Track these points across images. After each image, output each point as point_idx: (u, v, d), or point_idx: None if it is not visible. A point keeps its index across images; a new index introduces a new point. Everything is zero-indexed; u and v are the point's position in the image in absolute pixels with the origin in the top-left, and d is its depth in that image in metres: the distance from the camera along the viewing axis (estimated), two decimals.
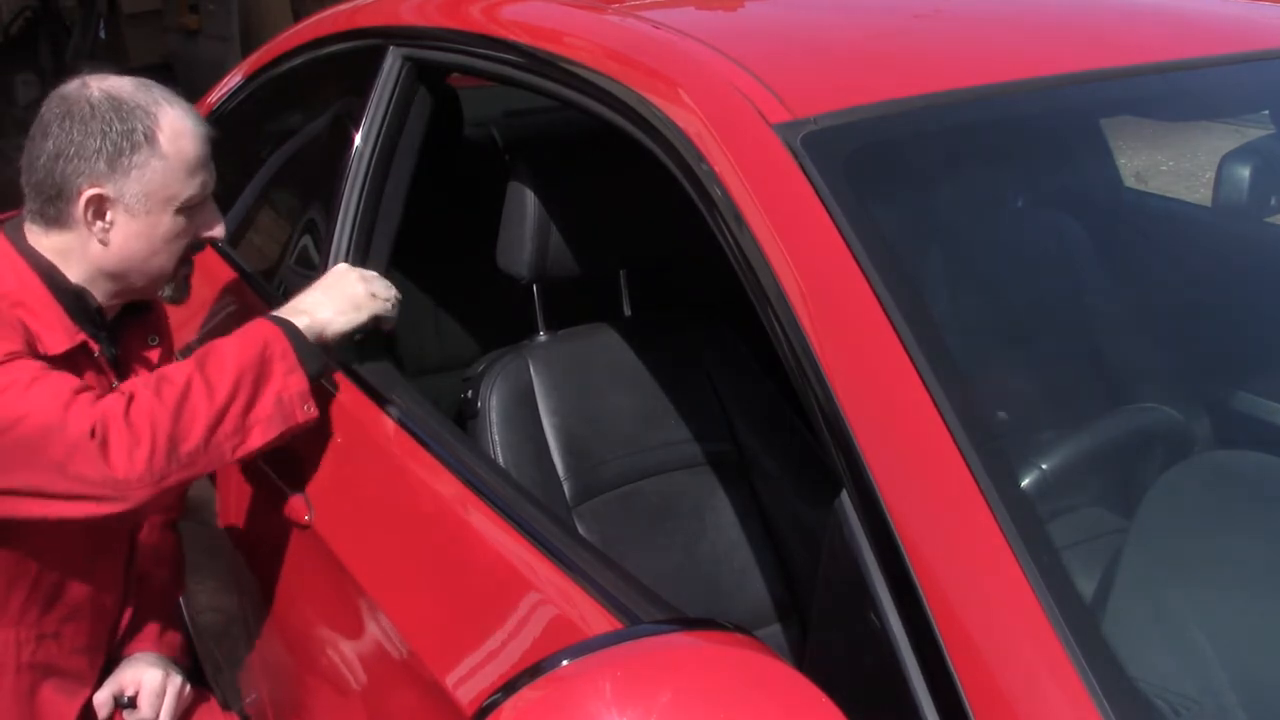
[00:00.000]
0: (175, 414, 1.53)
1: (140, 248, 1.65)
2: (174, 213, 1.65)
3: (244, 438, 1.59)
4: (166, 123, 1.63)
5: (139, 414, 1.51)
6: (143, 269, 1.67)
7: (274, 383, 1.62)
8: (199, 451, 1.54)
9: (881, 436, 1.10)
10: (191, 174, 1.65)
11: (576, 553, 1.36)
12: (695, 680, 0.97)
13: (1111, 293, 1.79)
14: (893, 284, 1.18)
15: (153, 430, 1.51)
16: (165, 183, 1.63)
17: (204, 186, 1.68)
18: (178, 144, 1.63)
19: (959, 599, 1.00)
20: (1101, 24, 1.77)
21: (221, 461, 1.59)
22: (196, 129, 1.67)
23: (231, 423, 1.57)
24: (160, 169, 1.62)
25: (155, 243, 1.65)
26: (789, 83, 1.40)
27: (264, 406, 1.60)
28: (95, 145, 1.59)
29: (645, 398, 1.97)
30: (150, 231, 1.64)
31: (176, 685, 1.84)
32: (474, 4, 1.94)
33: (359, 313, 1.75)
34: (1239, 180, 2.02)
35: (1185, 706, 1.03)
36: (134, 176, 1.61)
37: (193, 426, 1.54)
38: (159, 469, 1.51)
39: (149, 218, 1.63)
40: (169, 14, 8.84)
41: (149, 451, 1.50)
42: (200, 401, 1.55)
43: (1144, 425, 1.46)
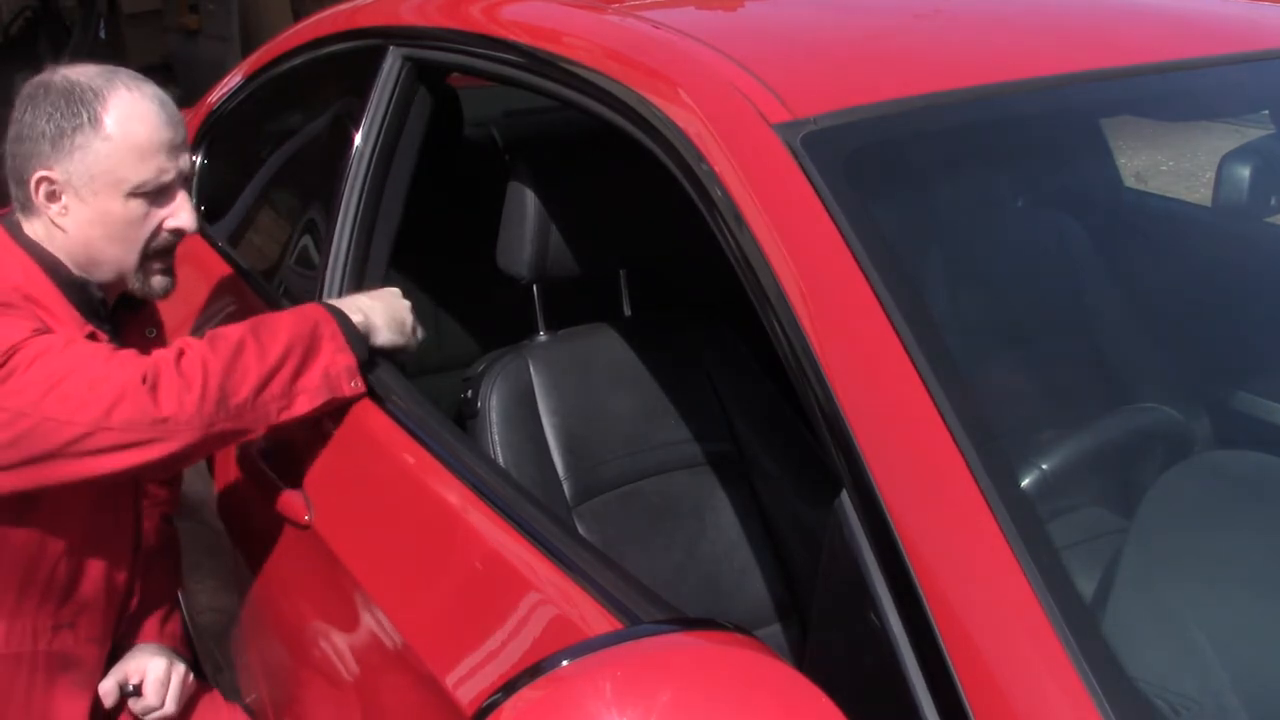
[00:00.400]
0: (228, 366, 1.55)
1: (96, 234, 1.63)
2: (125, 197, 1.61)
3: (290, 402, 1.62)
4: (115, 104, 1.60)
5: (191, 362, 1.54)
6: (103, 257, 1.65)
7: (323, 357, 1.65)
8: (246, 406, 1.57)
9: (881, 436, 1.10)
10: (142, 158, 1.61)
11: (576, 553, 1.36)
12: (695, 680, 0.97)
13: (1111, 293, 1.79)
14: (893, 284, 1.18)
15: (204, 377, 1.53)
16: (110, 166, 1.60)
17: (160, 172, 1.63)
18: (126, 126, 1.60)
19: (959, 599, 1.00)
20: (1101, 24, 1.77)
21: (267, 422, 1.61)
22: (154, 112, 1.63)
23: (280, 385, 1.60)
24: (104, 151, 1.59)
25: (110, 229, 1.63)
26: (789, 83, 1.40)
27: (312, 377, 1.64)
28: (41, 127, 1.59)
29: (645, 398, 1.97)
30: (103, 217, 1.62)
31: (180, 673, 1.86)
32: (474, 4, 1.94)
33: (401, 336, 1.78)
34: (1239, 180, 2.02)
35: (1185, 706, 1.03)
36: (77, 158, 1.59)
37: (244, 381, 1.56)
38: (208, 414, 1.53)
39: (98, 201, 1.61)
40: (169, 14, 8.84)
41: (199, 395, 1.52)
42: (252, 360, 1.58)
43: (1144, 425, 1.46)
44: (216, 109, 2.71)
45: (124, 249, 1.65)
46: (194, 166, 1.74)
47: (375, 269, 1.94)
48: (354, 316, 1.72)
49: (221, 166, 2.70)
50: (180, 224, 1.67)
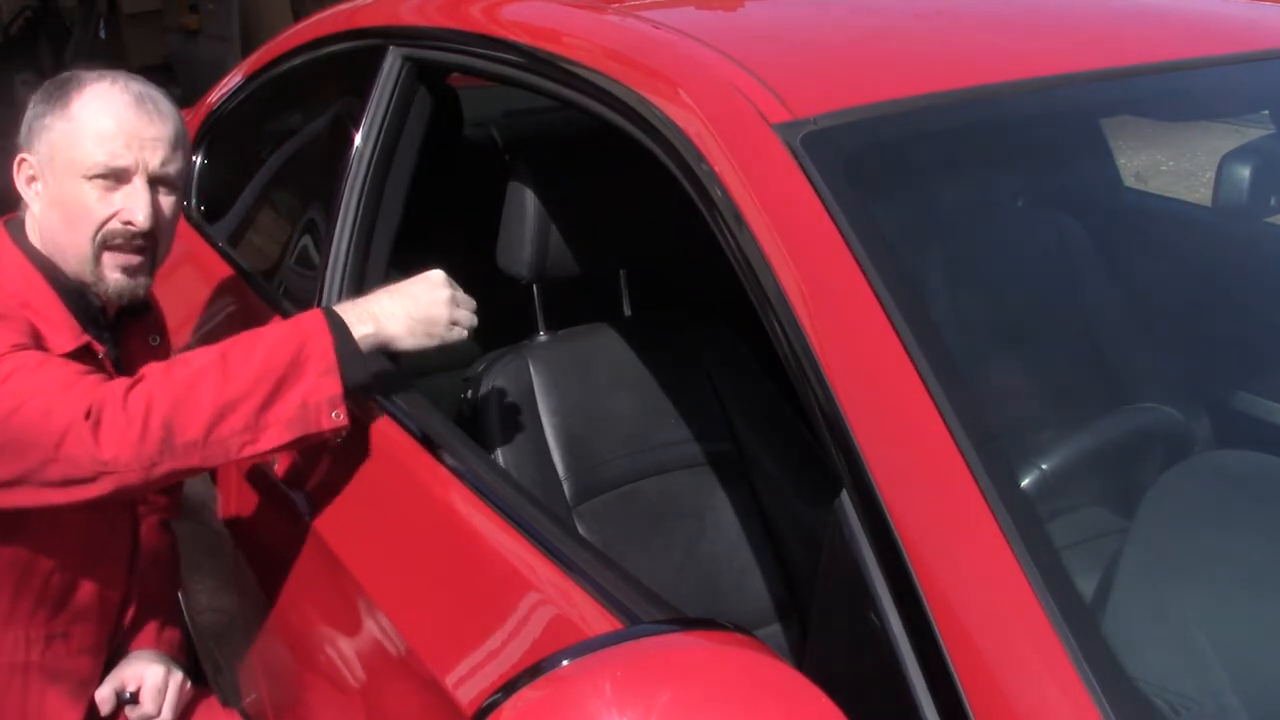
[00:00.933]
0: (178, 401, 1.46)
1: (56, 217, 1.62)
2: (81, 180, 1.59)
3: (255, 436, 1.49)
4: (87, 91, 1.61)
5: (138, 397, 1.46)
6: (63, 242, 1.62)
7: (303, 384, 1.51)
8: (197, 444, 1.47)
9: (881, 436, 1.10)
10: (99, 141, 1.59)
11: (576, 553, 1.36)
12: (695, 680, 0.97)
13: (1111, 293, 1.79)
14: (893, 284, 1.18)
15: (147, 414, 1.44)
16: (66, 145, 1.59)
17: (112, 156, 1.59)
18: (89, 109, 1.60)
19: (959, 599, 1.00)
20: (1101, 24, 1.77)
21: (226, 458, 1.51)
22: (125, 102, 1.61)
23: (242, 419, 1.48)
24: (64, 130, 1.60)
25: (66, 212, 1.60)
26: (789, 83, 1.40)
27: (286, 407, 1.50)
28: (29, 114, 1.64)
29: (645, 398, 1.97)
30: (60, 199, 1.61)
31: (178, 681, 1.85)
32: (474, 4, 1.94)
33: (430, 339, 1.61)
34: (1239, 180, 2.02)
35: (1185, 706, 1.03)
36: (43, 138, 1.61)
37: (195, 417, 1.46)
38: (149, 454, 1.45)
39: (58, 184, 1.61)
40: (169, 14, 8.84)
41: (139, 434, 1.44)
42: (210, 391, 1.47)
43: (1144, 425, 1.46)
44: (216, 109, 2.71)
45: (77, 236, 1.61)
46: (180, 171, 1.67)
47: (375, 269, 1.94)
48: (360, 329, 1.56)
49: (221, 166, 2.70)
50: (130, 216, 1.60)
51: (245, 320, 2.17)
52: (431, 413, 1.71)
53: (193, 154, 2.70)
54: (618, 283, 2.08)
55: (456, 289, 1.65)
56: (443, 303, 1.62)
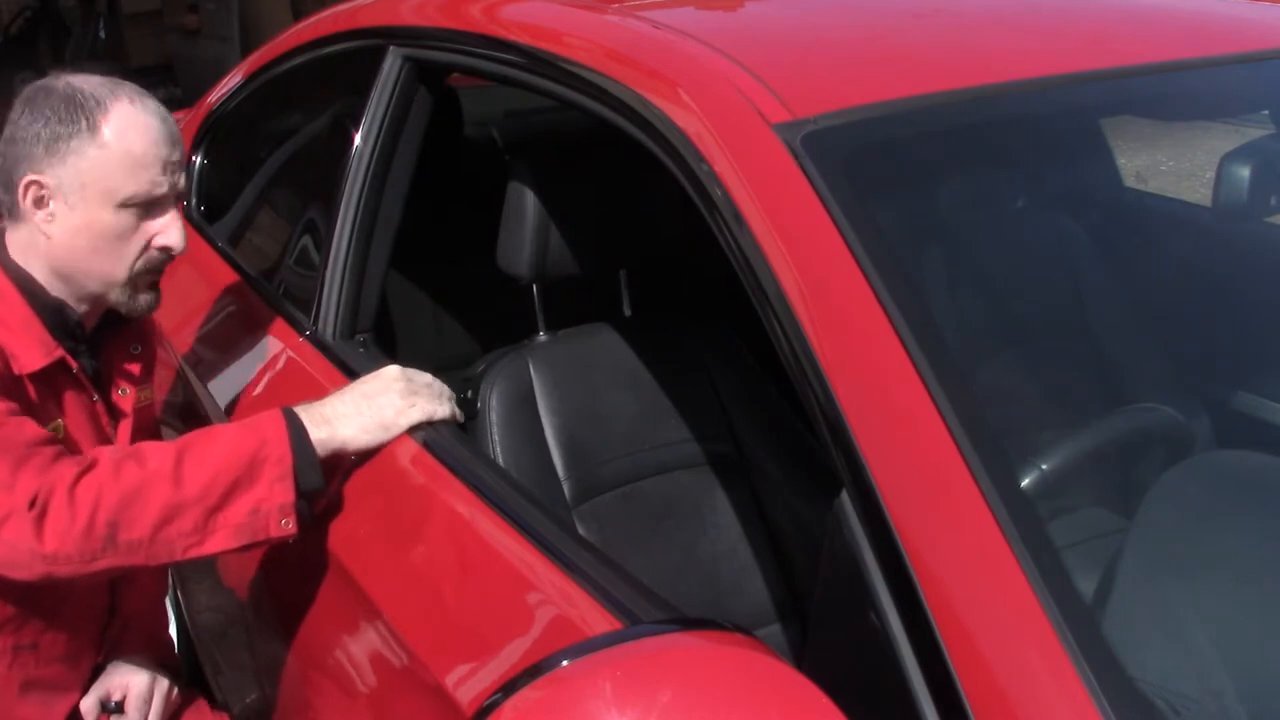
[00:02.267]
0: (126, 498, 1.44)
1: (82, 244, 1.58)
2: (116, 208, 1.57)
3: (202, 539, 1.48)
4: (116, 114, 1.57)
5: (86, 489, 1.43)
6: (88, 268, 1.60)
7: (256, 490, 1.50)
8: (142, 543, 1.45)
9: (881, 436, 1.10)
10: (135, 170, 1.57)
11: (576, 553, 1.36)
12: (695, 680, 0.97)
13: (1111, 293, 1.79)
14: (893, 284, 1.18)
15: (93, 509, 1.42)
16: (102, 174, 1.55)
17: (153, 185, 1.58)
18: (123, 135, 1.56)
19: (959, 599, 1.00)
20: (1101, 24, 1.77)
21: (171, 558, 1.49)
22: (153, 127, 1.59)
23: (191, 521, 1.47)
24: (98, 159, 1.55)
25: (97, 240, 1.58)
26: (789, 83, 1.40)
27: (236, 512, 1.49)
28: (37, 130, 1.55)
29: (645, 398, 1.97)
30: (90, 226, 1.57)
31: (164, 688, 1.83)
32: (474, 4, 1.94)
33: (386, 433, 1.62)
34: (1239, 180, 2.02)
35: (1185, 706, 1.03)
36: (70, 164, 1.55)
37: (142, 516, 1.45)
38: (91, 550, 1.43)
39: (87, 211, 1.56)
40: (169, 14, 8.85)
41: (84, 530, 1.42)
42: (160, 491, 1.46)
43: (1144, 425, 1.46)
44: (216, 109, 2.71)
45: (110, 262, 1.60)
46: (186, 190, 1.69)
47: (375, 269, 1.94)
48: (316, 433, 1.56)
49: (221, 166, 2.70)
50: (169, 242, 1.62)
51: (245, 320, 2.17)
52: None
53: (193, 154, 2.71)
54: (618, 283, 2.08)
55: (412, 378, 1.66)
56: (393, 397, 1.63)
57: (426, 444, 1.63)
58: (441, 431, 1.65)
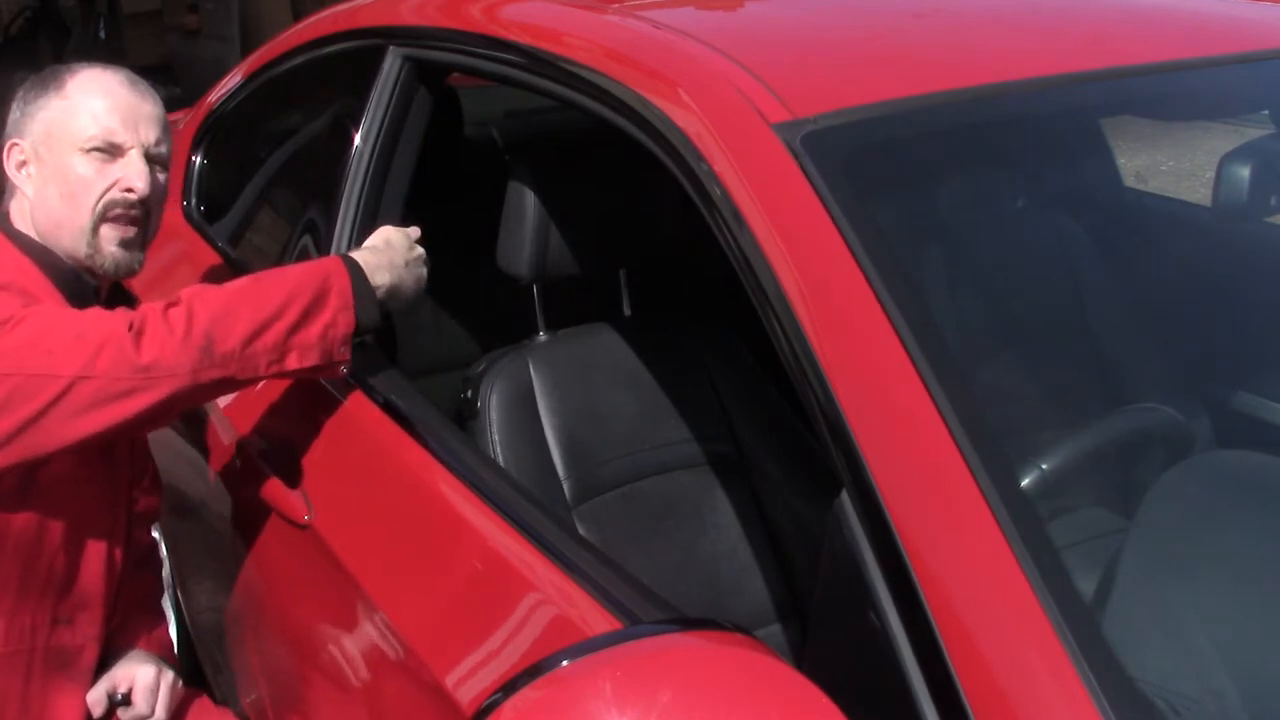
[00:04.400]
0: (218, 313, 1.54)
1: (52, 193, 1.66)
2: (79, 153, 1.65)
3: (282, 355, 1.58)
4: (82, 75, 1.68)
5: (179, 310, 1.53)
6: (60, 218, 1.66)
7: (325, 314, 1.62)
8: (234, 355, 1.54)
9: (881, 436, 1.10)
10: (95, 116, 1.65)
11: (576, 553, 1.36)
12: (695, 680, 0.97)
13: (1111, 292, 1.79)
14: (893, 284, 1.18)
15: (189, 323, 1.51)
16: (63, 120, 1.65)
17: (109, 133, 1.66)
18: (83, 88, 1.67)
19: (959, 599, 1.00)
20: (1101, 24, 1.77)
21: (256, 374, 1.58)
22: (117, 83, 1.69)
23: (274, 337, 1.57)
24: (60, 107, 1.65)
25: (64, 185, 1.65)
26: (789, 83, 1.40)
27: (309, 333, 1.60)
28: (17, 102, 1.69)
29: (645, 398, 1.97)
30: (58, 173, 1.65)
31: (169, 680, 1.85)
32: (474, 4, 1.94)
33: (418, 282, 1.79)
34: (1239, 180, 2.02)
35: (1185, 706, 1.03)
36: (38, 119, 1.66)
37: (233, 329, 1.54)
38: (192, 361, 1.51)
39: (54, 158, 1.65)
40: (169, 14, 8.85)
41: (182, 341, 1.50)
42: (245, 307, 1.56)
43: (1144, 425, 1.46)
44: (216, 109, 2.71)
45: (77, 207, 1.65)
46: (169, 154, 1.75)
47: None
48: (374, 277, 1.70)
49: (221, 166, 2.70)
50: (129, 183, 1.66)
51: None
52: (431, 413, 1.71)
53: (193, 154, 2.70)
54: (618, 283, 2.08)
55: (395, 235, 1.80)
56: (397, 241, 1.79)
57: (427, 444, 1.63)
58: (442, 432, 1.66)
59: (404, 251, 1.77)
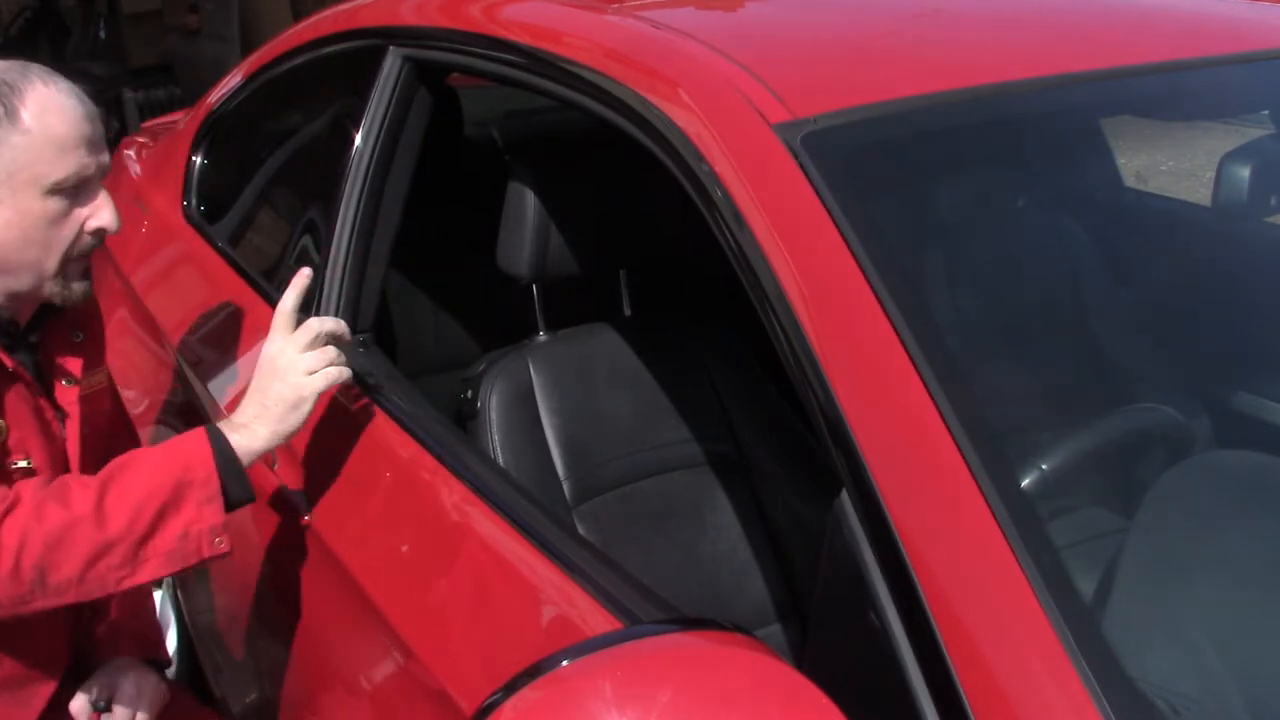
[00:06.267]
0: (51, 541, 1.43)
1: (12, 236, 1.50)
2: (44, 195, 1.50)
3: (134, 570, 1.47)
4: (32, 98, 1.49)
5: (9, 533, 1.42)
6: (20, 261, 1.52)
7: (184, 514, 1.49)
8: (71, 583, 1.44)
9: (881, 436, 1.10)
10: (62, 152, 1.50)
11: (576, 553, 1.36)
12: (695, 680, 0.97)
13: (1111, 293, 1.79)
14: (893, 284, 1.18)
15: (18, 554, 1.41)
16: (28, 161, 1.48)
17: (82, 168, 1.52)
18: (43, 120, 1.49)
19: (959, 599, 1.00)
20: (1101, 24, 1.77)
21: (104, 591, 1.48)
22: (72, 106, 1.52)
23: (120, 555, 1.46)
24: (22, 145, 1.48)
25: (29, 230, 1.51)
26: (789, 83, 1.40)
27: (165, 539, 1.48)
28: None
29: (645, 398, 1.97)
30: (21, 217, 1.50)
31: (151, 685, 1.80)
32: (474, 4, 1.94)
33: (299, 411, 1.59)
34: (1239, 180, 2.02)
35: (1185, 706, 1.03)
36: None
37: (69, 557, 1.43)
38: (19, 594, 1.42)
39: (15, 200, 1.49)
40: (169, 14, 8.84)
41: (9, 574, 1.41)
42: (84, 532, 1.44)
43: (1144, 425, 1.46)
44: (216, 109, 2.71)
45: (42, 251, 1.53)
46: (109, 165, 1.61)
47: (375, 269, 1.94)
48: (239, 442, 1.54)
49: (221, 167, 2.70)
50: (102, 223, 1.55)
51: (245, 320, 2.17)
52: (431, 413, 1.71)
53: (193, 154, 2.70)
54: (618, 283, 2.08)
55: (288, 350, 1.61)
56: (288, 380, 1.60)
57: (427, 444, 1.63)
58: (442, 432, 1.66)
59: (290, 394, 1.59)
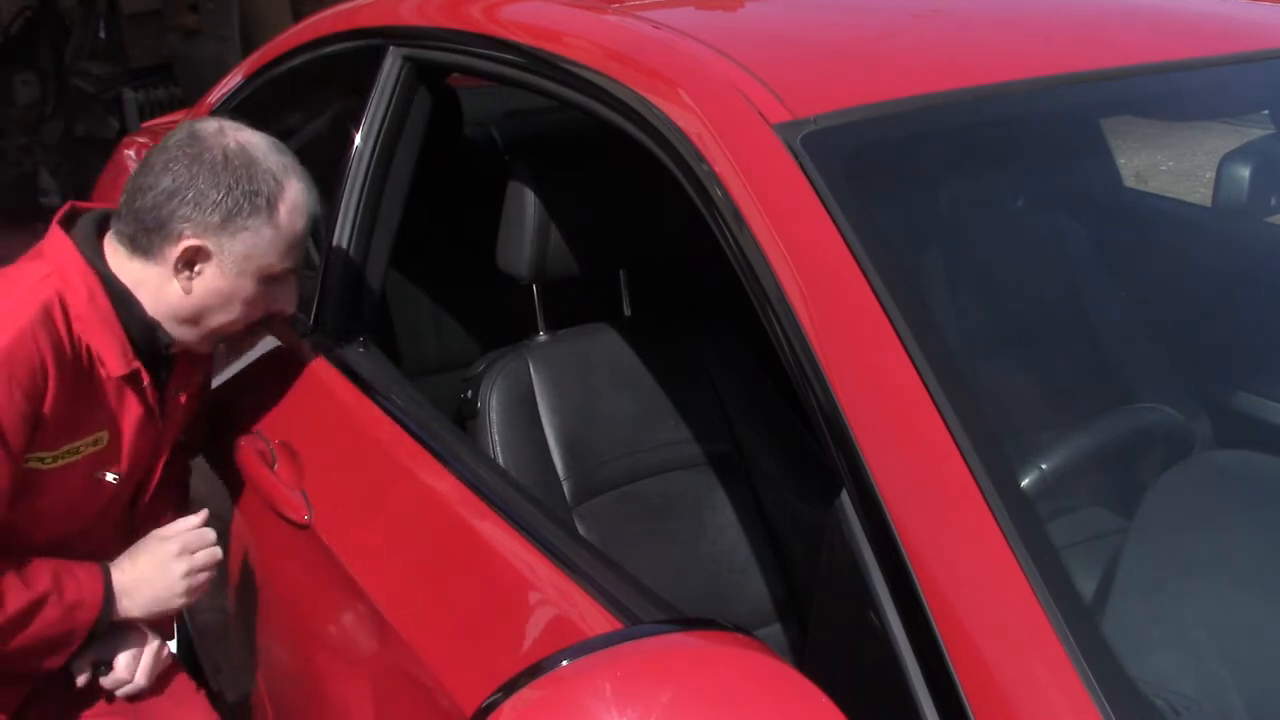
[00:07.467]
0: None
1: (216, 303, 1.64)
2: (259, 281, 1.64)
3: None
4: (290, 194, 1.63)
5: None
6: (210, 321, 1.66)
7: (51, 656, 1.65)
8: None
9: (881, 436, 1.10)
10: (291, 249, 1.66)
11: (576, 553, 1.36)
12: (695, 680, 0.97)
13: (1111, 292, 1.79)
14: (893, 284, 1.18)
15: None
16: (267, 251, 1.62)
17: (295, 261, 1.68)
18: (292, 218, 1.63)
19: (959, 599, 1.00)
20: (1101, 24, 1.77)
21: None
22: (311, 206, 1.67)
23: None
24: (269, 238, 1.62)
25: (232, 304, 1.65)
26: (789, 83, 1.40)
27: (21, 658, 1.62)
28: (216, 198, 1.58)
29: (645, 398, 1.97)
30: (232, 293, 1.64)
31: (154, 647, 1.81)
32: (474, 4, 1.94)
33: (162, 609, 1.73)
34: (1239, 180, 2.02)
35: (1185, 706, 1.03)
36: (240, 239, 1.60)
37: None
38: None
39: (237, 279, 1.63)
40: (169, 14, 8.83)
41: None
42: None
43: (1144, 425, 1.46)
44: (216, 109, 2.70)
45: (231, 321, 1.66)
46: None
47: (375, 269, 1.94)
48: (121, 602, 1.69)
49: None
50: (286, 308, 1.72)
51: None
52: (431, 413, 1.71)
53: None
54: (618, 283, 2.08)
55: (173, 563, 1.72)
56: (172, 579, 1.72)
57: (427, 444, 1.63)
58: (443, 432, 1.66)
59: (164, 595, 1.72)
